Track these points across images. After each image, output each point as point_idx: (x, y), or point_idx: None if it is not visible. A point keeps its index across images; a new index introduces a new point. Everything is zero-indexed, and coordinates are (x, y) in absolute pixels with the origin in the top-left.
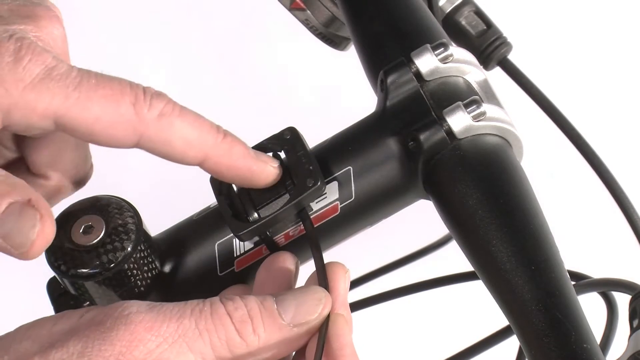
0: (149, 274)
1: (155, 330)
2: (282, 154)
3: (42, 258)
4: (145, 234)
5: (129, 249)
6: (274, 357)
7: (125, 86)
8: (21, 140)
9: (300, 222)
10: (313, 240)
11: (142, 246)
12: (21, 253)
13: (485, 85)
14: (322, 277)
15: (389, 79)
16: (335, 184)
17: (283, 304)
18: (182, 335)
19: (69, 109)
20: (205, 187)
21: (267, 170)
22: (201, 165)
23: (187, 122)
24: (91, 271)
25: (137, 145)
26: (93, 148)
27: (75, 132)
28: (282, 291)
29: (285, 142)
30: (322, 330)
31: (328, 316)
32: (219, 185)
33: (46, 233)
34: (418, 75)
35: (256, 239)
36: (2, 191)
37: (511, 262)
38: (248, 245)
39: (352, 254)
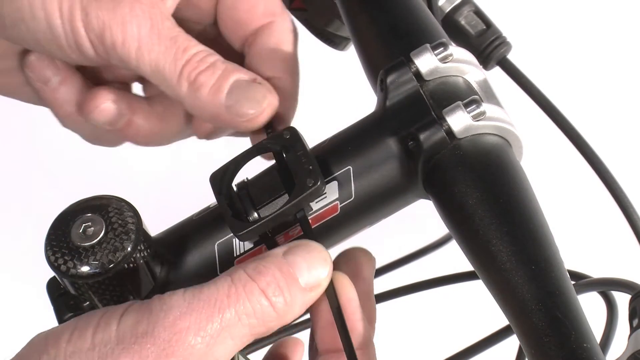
0: (149, 274)
1: (202, 331)
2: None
3: (42, 258)
4: (145, 234)
5: (128, 249)
6: (293, 320)
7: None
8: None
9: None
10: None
11: (141, 246)
12: (247, 121)
13: (484, 84)
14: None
15: (389, 79)
16: (335, 183)
17: (295, 267)
18: (225, 327)
19: None
20: (205, 187)
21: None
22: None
23: None
24: (91, 271)
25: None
26: (94, 151)
27: None
28: (289, 250)
29: (285, 142)
30: (331, 291)
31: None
32: (219, 185)
33: (273, 104)
34: (418, 75)
35: (256, 238)
36: (230, 68)
37: (511, 262)
38: (248, 245)
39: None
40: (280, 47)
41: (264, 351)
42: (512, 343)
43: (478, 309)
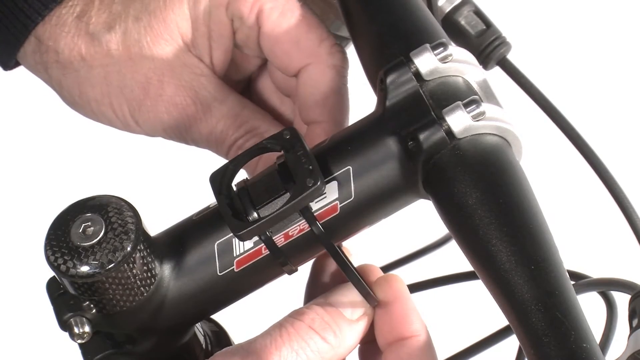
0: (149, 274)
1: None
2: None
3: (42, 258)
4: (145, 233)
5: (128, 248)
6: (352, 349)
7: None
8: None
9: (299, 222)
10: (330, 246)
11: (141, 246)
12: None
13: (484, 85)
14: (355, 279)
15: (389, 79)
16: (334, 183)
17: (337, 303)
18: None
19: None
20: (205, 187)
21: None
22: None
23: None
24: (90, 271)
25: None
26: (95, 147)
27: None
28: (327, 293)
29: (285, 142)
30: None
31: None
32: (219, 185)
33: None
34: (417, 75)
35: (256, 238)
36: None
37: (510, 262)
38: (248, 244)
39: (351, 254)
40: (318, 91)
41: None
42: (512, 343)
43: (478, 309)
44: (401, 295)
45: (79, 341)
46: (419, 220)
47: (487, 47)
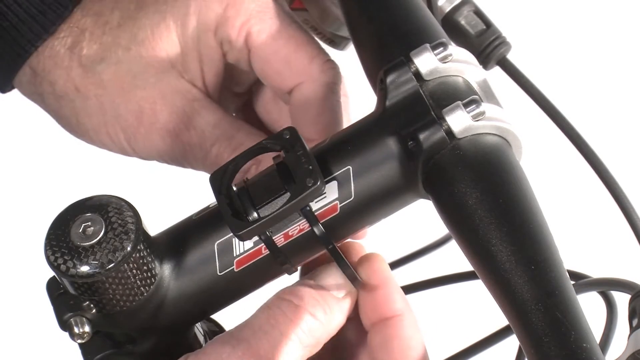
0: (149, 274)
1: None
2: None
3: (42, 258)
4: (145, 233)
5: (128, 248)
6: (340, 326)
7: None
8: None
9: (299, 222)
10: (327, 242)
11: (141, 246)
12: None
13: (484, 84)
14: (352, 277)
15: (389, 79)
16: (334, 183)
17: (323, 282)
18: (276, 347)
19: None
20: (205, 186)
21: None
22: None
23: None
24: (90, 271)
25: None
26: (94, 151)
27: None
28: (312, 273)
29: (285, 141)
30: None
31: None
32: (219, 185)
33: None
34: (417, 74)
35: (255, 238)
36: None
37: (510, 262)
38: (248, 244)
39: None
40: (311, 109)
41: None
42: (512, 343)
43: (478, 309)
44: (382, 275)
45: (79, 341)
46: (419, 220)
47: (487, 47)
